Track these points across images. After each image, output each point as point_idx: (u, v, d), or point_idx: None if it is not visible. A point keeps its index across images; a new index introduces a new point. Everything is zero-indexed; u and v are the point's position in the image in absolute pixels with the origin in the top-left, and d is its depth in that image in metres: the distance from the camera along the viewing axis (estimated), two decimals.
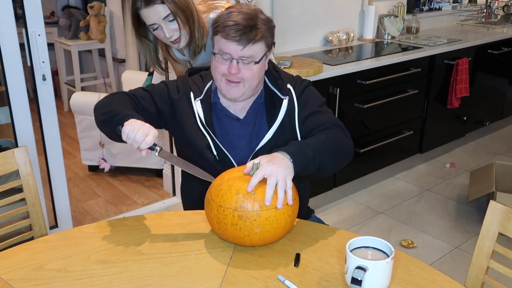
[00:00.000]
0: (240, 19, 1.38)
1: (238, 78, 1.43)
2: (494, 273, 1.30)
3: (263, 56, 1.45)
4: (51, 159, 2.55)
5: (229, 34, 1.38)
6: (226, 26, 1.39)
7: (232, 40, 1.38)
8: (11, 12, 2.21)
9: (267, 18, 1.45)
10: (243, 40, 1.39)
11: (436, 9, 4.29)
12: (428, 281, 1.16)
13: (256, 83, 1.48)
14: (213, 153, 1.50)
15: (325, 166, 1.38)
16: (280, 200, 1.21)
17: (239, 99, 1.49)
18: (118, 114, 1.37)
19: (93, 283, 1.15)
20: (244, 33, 1.38)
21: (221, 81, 1.46)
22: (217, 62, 1.44)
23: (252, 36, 1.39)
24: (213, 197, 1.25)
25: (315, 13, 3.35)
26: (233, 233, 1.22)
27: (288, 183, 1.23)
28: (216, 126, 1.53)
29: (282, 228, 1.24)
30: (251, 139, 1.53)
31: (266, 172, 1.22)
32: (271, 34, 1.46)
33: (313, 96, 1.55)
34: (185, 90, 1.54)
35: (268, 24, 1.44)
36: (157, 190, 3.31)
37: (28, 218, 1.58)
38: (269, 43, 1.45)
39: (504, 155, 3.95)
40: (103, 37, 4.66)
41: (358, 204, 3.18)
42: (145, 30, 1.78)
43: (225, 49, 1.40)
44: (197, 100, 1.52)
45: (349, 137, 1.47)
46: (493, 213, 1.29)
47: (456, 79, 3.52)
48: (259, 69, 1.45)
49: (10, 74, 2.29)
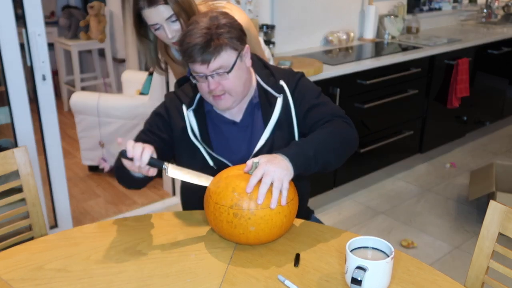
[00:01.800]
0: (195, 38, 1.34)
1: (221, 91, 1.41)
2: (494, 273, 1.30)
3: (236, 60, 1.40)
4: (51, 159, 2.55)
5: (191, 57, 1.35)
6: (185, 51, 1.36)
7: (197, 62, 1.36)
8: (11, 12, 2.21)
9: (227, 22, 1.38)
10: (204, 58, 1.34)
11: (436, 9, 4.29)
12: (428, 281, 1.16)
13: (241, 88, 1.45)
14: (210, 164, 1.48)
15: (330, 162, 1.37)
16: (274, 200, 1.21)
17: (231, 107, 1.48)
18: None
19: (93, 283, 1.15)
20: (203, 51, 1.34)
21: (209, 98, 1.45)
22: (198, 82, 1.42)
23: (212, 50, 1.34)
24: (211, 194, 1.26)
25: (315, 13, 3.35)
26: (228, 231, 1.24)
27: (285, 184, 1.23)
28: (213, 135, 1.51)
29: (278, 228, 1.24)
30: (249, 143, 1.52)
31: (264, 171, 1.22)
32: (237, 35, 1.40)
33: (308, 89, 1.52)
34: (175, 105, 1.52)
35: (229, 29, 1.37)
36: (157, 190, 3.31)
37: (28, 218, 1.58)
38: (236, 45, 1.39)
39: (504, 155, 3.95)
40: (103, 37, 4.66)
41: (358, 204, 3.18)
42: (145, 30, 1.78)
43: (196, 70, 1.38)
44: (189, 110, 1.50)
45: (352, 125, 1.46)
46: (493, 213, 1.29)
47: (456, 79, 3.52)
48: (237, 74, 1.41)
49: (10, 74, 2.29)
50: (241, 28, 1.43)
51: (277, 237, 1.28)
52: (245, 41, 1.43)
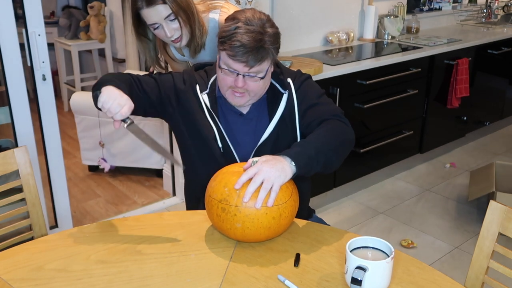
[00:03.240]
0: (246, 40, 1.35)
1: (244, 90, 1.44)
2: (494, 273, 1.30)
3: (269, 67, 1.45)
4: (51, 159, 2.55)
5: (235, 55, 1.37)
6: (232, 46, 1.36)
7: (238, 61, 1.38)
8: (11, 12, 2.21)
9: (274, 33, 1.42)
10: (250, 61, 1.38)
11: (436, 9, 4.29)
12: (428, 281, 1.16)
13: (262, 91, 1.50)
14: (218, 144, 1.51)
15: (331, 161, 1.38)
16: (259, 200, 1.20)
17: (245, 105, 1.51)
18: (102, 81, 1.38)
19: (93, 283, 1.15)
20: (251, 55, 1.37)
21: (227, 91, 1.47)
22: (224, 74, 1.44)
23: (259, 57, 1.38)
24: (208, 186, 1.31)
25: (315, 13, 3.35)
26: (218, 224, 1.27)
27: (275, 186, 1.22)
28: (222, 120, 1.54)
29: (265, 229, 1.23)
30: (254, 135, 1.54)
31: (257, 170, 1.23)
32: (278, 46, 1.45)
33: (311, 88, 1.55)
34: (190, 82, 1.55)
35: (275, 42, 1.42)
36: (157, 190, 3.31)
37: (28, 218, 1.58)
38: (275, 55, 1.45)
39: (504, 155, 3.95)
40: (103, 37, 4.66)
41: (358, 204, 3.18)
42: (144, 29, 1.79)
43: (232, 66, 1.40)
44: (203, 93, 1.53)
45: (348, 124, 1.47)
46: (493, 213, 1.29)
47: (456, 79, 3.52)
48: (266, 79, 1.47)
49: (10, 74, 2.29)
50: (280, 40, 1.47)
51: (266, 238, 1.28)
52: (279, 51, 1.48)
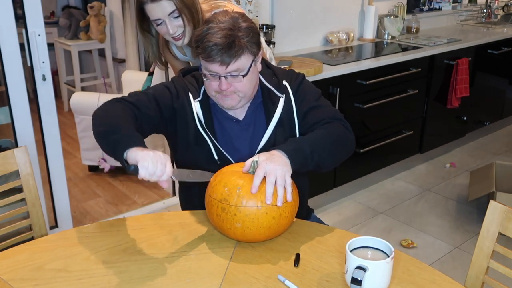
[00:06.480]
0: (218, 38, 1.33)
1: (231, 92, 1.42)
2: (494, 273, 1.30)
3: (251, 64, 1.41)
4: (51, 159, 2.55)
5: (210, 56, 1.35)
6: (205, 48, 1.35)
7: (214, 61, 1.35)
8: (11, 12, 2.21)
9: (248, 25, 1.38)
10: (224, 59, 1.35)
11: (436, 9, 4.29)
12: (428, 281, 1.16)
13: (251, 91, 1.46)
14: (214, 157, 1.49)
15: (324, 162, 1.38)
16: (280, 198, 1.22)
17: (236, 107, 1.48)
18: (116, 133, 1.31)
19: (93, 283, 1.15)
20: (225, 52, 1.34)
21: (215, 96, 1.45)
22: (208, 80, 1.42)
23: (234, 52, 1.35)
24: (208, 186, 1.31)
25: (315, 13, 3.35)
26: (217, 223, 1.27)
27: (287, 180, 1.24)
28: (218, 130, 1.51)
29: (265, 229, 1.23)
30: (252, 141, 1.52)
31: (266, 171, 1.23)
32: (256, 40, 1.41)
33: (309, 90, 1.54)
34: (183, 90, 1.51)
35: (249, 33, 1.38)
36: (157, 190, 3.31)
37: (28, 218, 1.58)
38: (254, 49, 1.41)
39: (504, 155, 3.95)
40: (103, 37, 4.66)
41: (358, 204, 3.18)
42: (148, 25, 1.79)
43: (211, 69, 1.38)
44: (196, 101, 1.49)
45: (350, 129, 1.47)
46: (493, 213, 1.29)
47: (456, 79, 3.52)
48: (250, 77, 1.43)
49: (10, 74, 2.29)
50: (258, 33, 1.44)
51: (266, 238, 1.28)
52: (260, 45, 1.45)
